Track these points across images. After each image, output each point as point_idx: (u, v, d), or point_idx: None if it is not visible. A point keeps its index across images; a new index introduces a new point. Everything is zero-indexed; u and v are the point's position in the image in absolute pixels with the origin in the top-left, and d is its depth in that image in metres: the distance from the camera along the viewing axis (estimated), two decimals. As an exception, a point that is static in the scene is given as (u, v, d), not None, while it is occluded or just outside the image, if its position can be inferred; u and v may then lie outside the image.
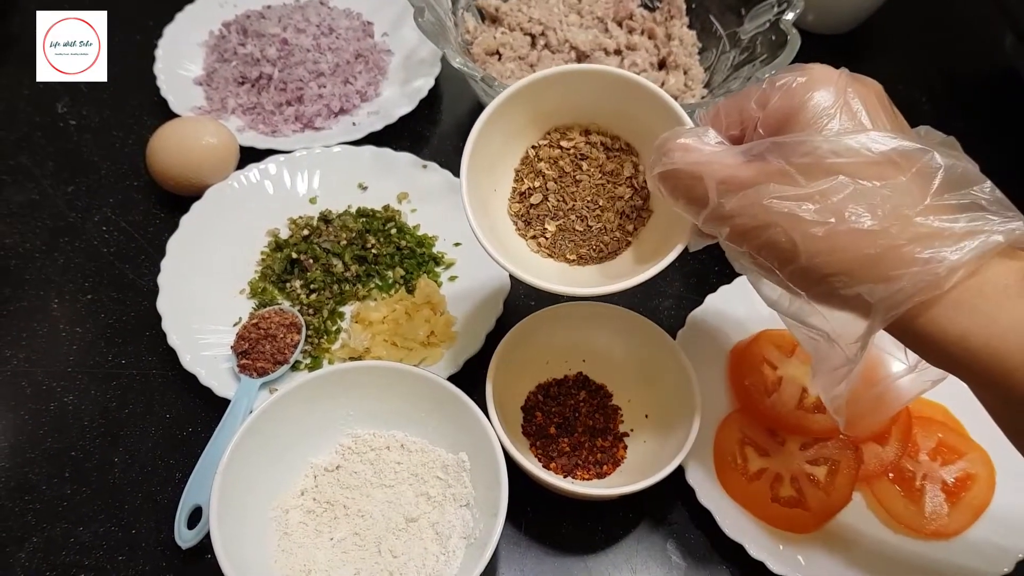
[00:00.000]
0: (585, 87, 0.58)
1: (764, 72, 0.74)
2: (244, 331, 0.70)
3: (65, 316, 0.74)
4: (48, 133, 0.88)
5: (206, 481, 0.61)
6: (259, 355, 0.69)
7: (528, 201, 0.61)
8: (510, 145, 0.61)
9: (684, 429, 0.61)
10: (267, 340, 0.70)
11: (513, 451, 0.59)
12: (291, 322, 0.71)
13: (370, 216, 0.80)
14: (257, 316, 0.72)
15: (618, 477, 0.65)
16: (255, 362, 0.69)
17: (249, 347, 0.69)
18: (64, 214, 0.82)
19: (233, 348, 0.70)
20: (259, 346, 0.69)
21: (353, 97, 0.90)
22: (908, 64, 1.05)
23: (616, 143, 0.60)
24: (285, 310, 0.72)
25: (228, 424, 0.65)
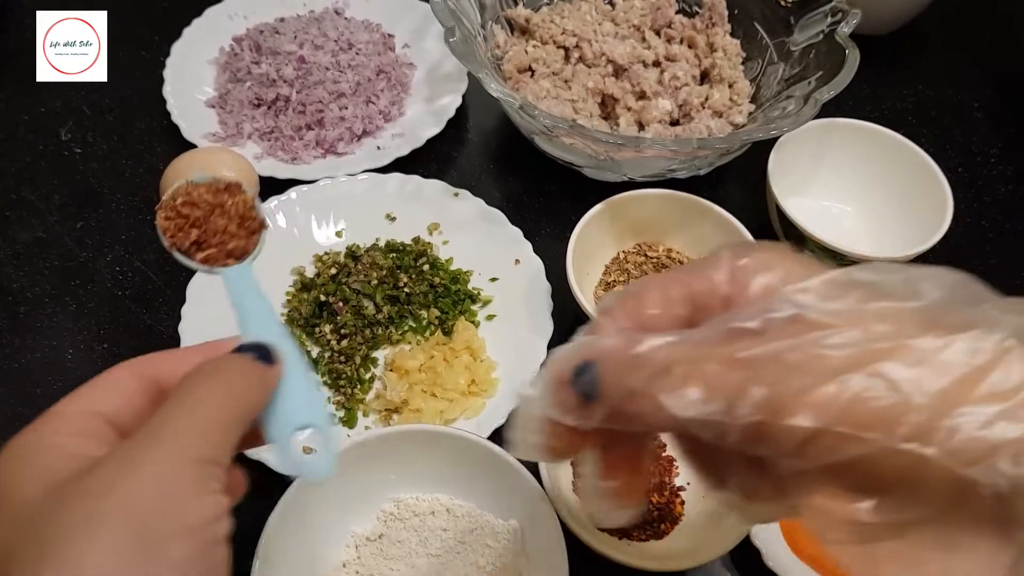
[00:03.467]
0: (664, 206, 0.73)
1: (823, 95, 0.69)
2: (173, 219, 0.45)
3: (81, 369, 0.70)
4: (52, 163, 0.83)
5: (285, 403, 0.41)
6: (221, 235, 0.45)
7: (612, 290, 0.71)
8: (606, 244, 0.74)
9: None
10: (215, 214, 0.46)
11: (573, 525, 0.55)
12: (225, 185, 0.47)
13: (400, 251, 0.75)
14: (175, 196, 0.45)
15: (678, 537, 0.61)
16: (223, 245, 0.45)
17: (200, 233, 0.45)
18: (74, 253, 0.77)
19: (175, 244, 0.44)
20: (211, 225, 0.45)
21: (376, 118, 0.85)
22: (958, 68, 0.99)
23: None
24: (198, 180, 0.46)
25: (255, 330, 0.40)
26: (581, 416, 0.31)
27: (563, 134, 0.71)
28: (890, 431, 0.26)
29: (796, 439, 0.27)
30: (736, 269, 0.32)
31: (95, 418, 0.34)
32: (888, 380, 0.26)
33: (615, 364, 0.30)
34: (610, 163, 0.74)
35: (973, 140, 0.91)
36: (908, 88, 0.96)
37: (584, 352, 0.32)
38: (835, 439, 0.26)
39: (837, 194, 0.81)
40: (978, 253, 0.80)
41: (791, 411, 0.26)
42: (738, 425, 0.27)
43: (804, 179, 0.79)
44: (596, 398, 0.31)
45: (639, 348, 0.30)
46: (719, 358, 0.28)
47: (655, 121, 0.79)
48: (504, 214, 0.77)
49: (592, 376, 0.31)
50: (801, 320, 0.28)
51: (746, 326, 0.29)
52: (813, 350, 0.27)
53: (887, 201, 0.78)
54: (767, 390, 0.27)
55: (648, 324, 0.32)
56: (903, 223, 0.76)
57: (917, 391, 0.26)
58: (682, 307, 0.33)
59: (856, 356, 0.27)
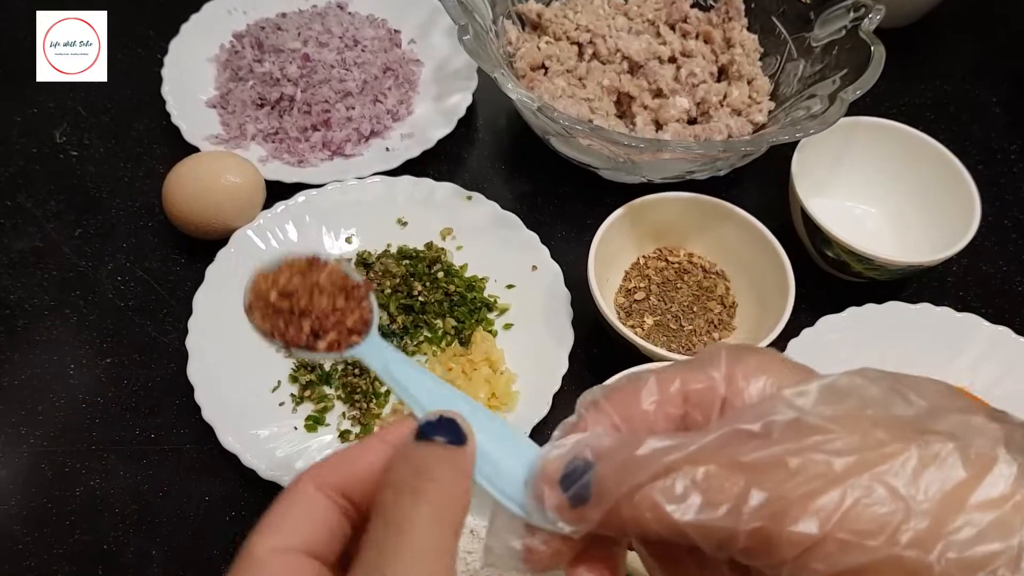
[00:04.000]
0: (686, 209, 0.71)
1: (850, 94, 0.67)
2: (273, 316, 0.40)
3: (83, 384, 0.67)
4: (47, 167, 0.80)
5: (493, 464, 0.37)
6: (334, 313, 0.41)
7: (632, 297, 0.71)
8: (625, 249, 0.73)
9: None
10: (315, 293, 0.41)
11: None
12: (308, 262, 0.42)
13: (414, 257, 0.73)
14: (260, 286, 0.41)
15: None
16: (341, 323, 0.40)
17: (314, 320, 0.40)
18: (73, 263, 0.74)
19: (291, 342, 0.40)
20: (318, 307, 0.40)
21: (384, 118, 0.82)
22: (976, 61, 0.97)
23: (713, 267, 0.73)
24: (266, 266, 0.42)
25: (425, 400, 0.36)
26: (571, 520, 0.29)
27: (582, 136, 0.68)
28: (893, 539, 0.25)
29: (799, 547, 0.26)
30: (734, 372, 0.31)
31: (296, 557, 0.30)
32: (889, 487, 0.26)
33: (613, 465, 0.29)
34: (629, 165, 0.72)
35: (992, 136, 0.89)
36: (926, 83, 0.94)
37: (577, 451, 0.30)
38: (838, 546, 0.25)
39: (860, 195, 0.79)
40: (1003, 253, 0.79)
41: (795, 517, 0.26)
42: (741, 531, 0.26)
43: (826, 179, 0.77)
44: (589, 500, 0.29)
45: (642, 451, 0.28)
46: (723, 461, 0.27)
47: (673, 120, 0.76)
48: (518, 217, 0.75)
49: (587, 478, 0.29)
50: (801, 424, 0.27)
51: (749, 428, 0.28)
52: (815, 455, 0.26)
53: (911, 202, 0.76)
54: (771, 495, 0.26)
55: (641, 422, 0.31)
56: (928, 225, 0.75)
57: (917, 498, 0.26)
58: (677, 405, 0.31)
59: (857, 462, 0.26)
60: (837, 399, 0.28)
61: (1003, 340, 0.68)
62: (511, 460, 0.32)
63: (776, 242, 0.67)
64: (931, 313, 0.69)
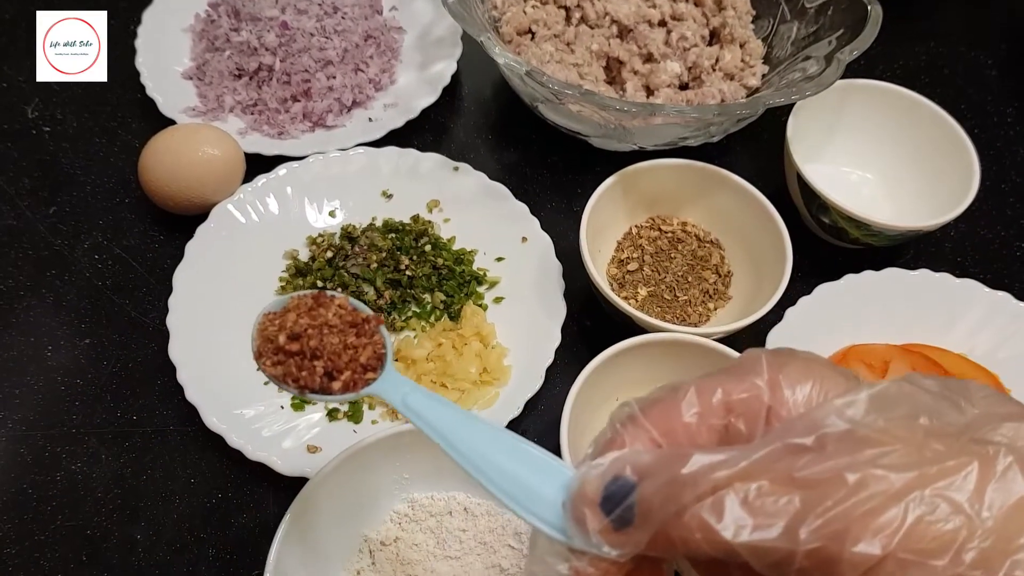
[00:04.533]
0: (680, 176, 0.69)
1: (847, 55, 0.65)
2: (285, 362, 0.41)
3: (62, 366, 0.65)
4: (19, 143, 0.77)
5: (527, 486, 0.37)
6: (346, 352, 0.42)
7: (626, 268, 0.70)
8: (617, 219, 0.71)
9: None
10: (325, 333, 0.42)
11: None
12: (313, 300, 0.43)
13: (400, 231, 0.71)
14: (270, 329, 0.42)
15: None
16: (354, 361, 0.41)
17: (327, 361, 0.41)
18: (48, 241, 0.71)
19: (305, 387, 0.41)
20: (330, 347, 0.41)
21: (366, 87, 0.79)
22: (972, 23, 0.95)
23: (707, 236, 0.71)
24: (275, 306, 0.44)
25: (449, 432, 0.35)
26: (616, 544, 0.28)
27: (572, 101, 0.66)
28: (958, 558, 0.24)
29: (860, 568, 0.24)
30: (776, 379, 0.29)
31: None
32: (952, 503, 0.24)
33: (658, 484, 0.27)
34: (620, 132, 0.70)
35: (988, 99, 0.87)
36: (920, 45, 0.92)
37: (617, 470, 0.28)
38: (900, 567, 0.24)
39: (855, 160, 0.77)
40: (1000, 218, 0.77)
41: (856, 537, 0.24)
42: (799, 552, 0.25)
43: (820, 144, 0.75)
44: (633, 523, 0.27)
45: (688, 468, 0.26)
46: (776, 477, 0.26)
47: (664, 85, 0.74)
48: (507, 188, 0.73)
49: (631, 499, 0.27)
50: (855, 436, 0.26)
51: (802, 442, 0.26)
52: (873, 470, 0.25)
53: (908, 167, 0.75)
54: (831, 514, 0.25)
55: (683, 435, 0.29)
56: (925, 190, 0.73)
57: (982, 514, 0.24)
58: (720, 416, 0.29)
59: (917, 477, 0.25)
60: (888, 408, 0.27)
61: (1003, 305, 0.66)
62: (544, 482, 0.30)
63: (773, 209, 0.65)
64: (930, 279, 0.67)
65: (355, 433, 0.62)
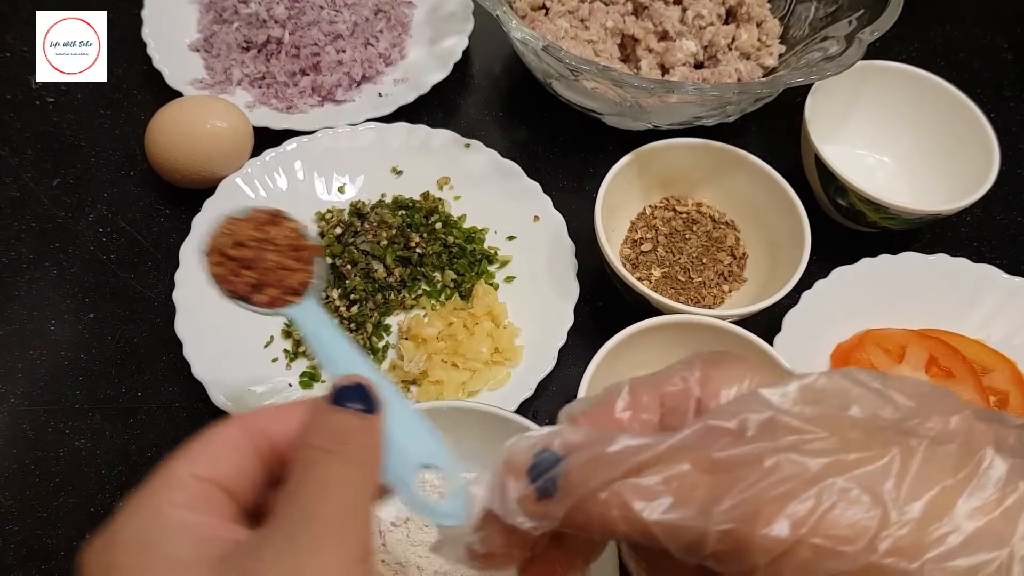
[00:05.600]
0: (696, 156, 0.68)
1: (867, 35, 0.64)
2: (224, 264, 0.43)
3: (66, 340, 0.64)
4: (23, 114, 0.76)
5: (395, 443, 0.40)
6: (279, 272, 0.43)
7: (639, 248, 0.69)
8: (631, 199, 0.70)
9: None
10: (265, 250, 0.44)
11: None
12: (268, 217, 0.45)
13: (410, 208, 0.70)
14: (220, 236, 0.44)
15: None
16: (283, 281, 0.43)
17: (258, 274, 0.43)
18: (52, 214, 0.70)
19: (234, 292, 0.43)
20: (265, 263, 0.43)
21: (376, 62, 0.78)
22: (987, 6, 0.94)
23: (722, 217, 0.70)
24: (236, 213, 0.45)
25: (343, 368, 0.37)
26: (534, 514, 0.28)
27: (588, 78, 0.65)
28: (872, 545, 0.24)
29: (771, 552, 0.24)
30: (708, 375, 0.30)
31: (212, 487, 0.30)
32: (869, 490, 0.24)
33: (583, 458, 0.27)
34: (635, 110, 0.69)
35: (1004, 83, 0.86)
36: (935, 28, 0.91)
37: (547, 442, 0.29)
38: (813, 552, 0.24)
39: (871, 143, 0.76)
40: (1017, 203, 0.77)
41: (767, 519, 0.24)
42: (711, 533, 0.25)
43: (837, 127, 0.74)
44: (554, 494, 0.27)
45: (612, 447, 0.27)
46: (694, 459, 0.26)
47: (679, 64, 0.73)
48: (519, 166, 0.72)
49: (555, 470, 0.28)
50: (777, 423, 0.26)
51: (723, 425, 0.27)
52: (791, 455, 0.25)
53: (925, 150, 0.74)
54: (743, 495, 0.25)
55: (616, 431, 0.29)
56: (942, 173, 0.72)
57: (899, 503, 0.24)
58: (652, 412, 0.30)
59: (834, 464, 0.25)
60: (817, 399, 0.27)
61: (1020, 291, 0.66)
62: (405, 444, 0.33)
63: (791, 191, 0.64)
64: (947, 264, 0.66)
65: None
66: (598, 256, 0.65)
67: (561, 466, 0.28)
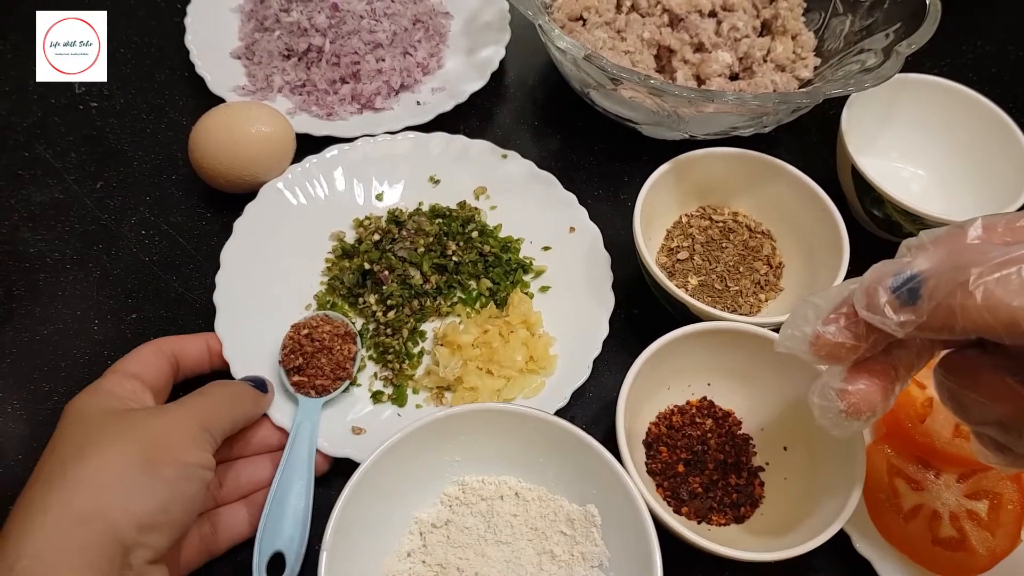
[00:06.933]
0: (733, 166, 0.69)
1: (905, 48, 0.64)
2: (293, 343, 0.61)
3: (109, 340, 0.65)
4: (66, 118, 0.77)
5: (280, 524, 0.53)
6: (316, 370, 0.60)
7: (676, 256, 0.69)
8: (669, 207, 0.70)
9: (839, 469, 0.54)
10: (322, 353, 0.61)
11: (663, 514, 0.51)
12: (345, 332, 0.62)
13: (447, 216, 0.70)
14: (306, 326, 0.62)
15: (760, 522, 0.58)
16: (312, 379, 0.60)
17: (304, 362, 0.60)
18: (95, 216, 0.71)
19: (283, 363, 0.60)
20: (315, 360, 0.60)
21: (414, 71, 0.79)
22: (1019, 21, 0.94)
23: (759, 227, 0.71)
24: (333, 317, 0.63)
25: (294, 455, 0.56)
26: (902, 314, 0.33)
27: (630, 87, 0.66)
28: None
29: None
30: None
31: (133, 380, 0.52)
32: None
33: (947, 264, 0.32)
34: (673, 119, 0.70)
35: (1036, 99, 0.86)
36: (967, 43, 0.91)
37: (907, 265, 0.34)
38: None
39: (906, 155, 0.76)
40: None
41: None
42: None
43: (872, 138, 0.75)
44: (916, 301, 0.33)
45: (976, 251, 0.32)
46: None
47: (715, 75, 0.74)
48: (554, 176, 0.72)
49: (916, 280, 0.33)
50: None
51: None
52: None
53: (960, 163, 0.74)
54: None
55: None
56: (977, 187, 0.72)
57: None
58: (1003, 239, 0.34)
59: None
60: None
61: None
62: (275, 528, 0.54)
63: (829, 201, 0.64)
64: (983, 276, 0.66)
65: (399, 416, 0.62)
66: (633, 264, 0.65)
67: (922, 275, 0.33)
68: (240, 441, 0.57)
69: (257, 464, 0.57)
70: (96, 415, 0.48)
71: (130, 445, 0.45)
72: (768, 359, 0.59)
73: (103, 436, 0.46)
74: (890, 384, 0.37)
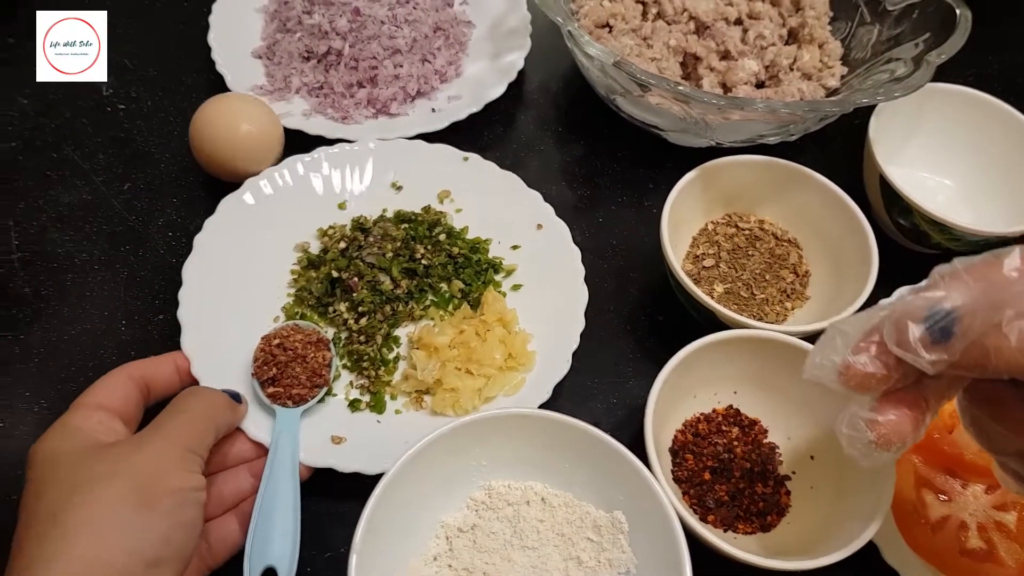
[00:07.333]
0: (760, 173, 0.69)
1: (935, 58, 0.64)
2: (264, 354, 0.60)
3: (136, 341, 0.65)
4: (94, 119, 0.78)
5: (269, 538, 0.52)
6: (292, 380, 0.59)
7: (701, 264, 0.69)
8: (695, 214, 0.70)
9: (867, 479, 0.54)
10: (296, 362, 0.60)
11: (691, 521, 0.51)
12: (317, 339, 0.61)
13: (412, 220, 0.70)
14: (276, 336, 0.61)
15: (786, 531, 0.58)
16: (288, 389, 0.59)
17: (278, 372, 0.59)
18: (122, 217, 0.71)
19: (256, 375, 0.59)
20: (289, 369, 0.59)
21: (432, 78, 0.79)
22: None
23: (785, 235, 0.71)
24: (303, 326, 0.62)
25: (277, 466, 0.55)
26: (934, 352, 0.33)
27: (659, 94, 0.66)
28: None
29: None
30: None
31: (102, 411, 0.50)
32: None
33: (980, 302, 0.32)
34: (700, 126, 0.70)
35: (1062, 111, 0.86)
36: (993, 54, 0.91)
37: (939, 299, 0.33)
38: None
39: (933, 165, 0.76)
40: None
41: None
42: None
43: (898, 148, 0.74)
44: (952, 335, 0.32)
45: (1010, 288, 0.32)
46: None
47: (741, 83, 0.74)
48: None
49: (950, 317, 0.32)
50: None
51: None
52: None
53: (986, 173, 0.74)
54: None
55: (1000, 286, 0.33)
56: (1005, 197, 0.72)
57: None
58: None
59: None
60: None
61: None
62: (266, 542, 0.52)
63: (858, 210, 0.64)
64: (1012, 287, 0.66)
65: (379, 423, 0.61)
66: (657, 271, 0.65)
67: (956, 313, 0.32)
68: (217, 455, 0.55)
69: (237, 475, 0.56)
70: (71, 456, 0.46)
71: (120, 483, 0.44)
72: (795, 368, 0.59)
73: (90, 478, 0.44)
74: (920, 415, 0.36)
